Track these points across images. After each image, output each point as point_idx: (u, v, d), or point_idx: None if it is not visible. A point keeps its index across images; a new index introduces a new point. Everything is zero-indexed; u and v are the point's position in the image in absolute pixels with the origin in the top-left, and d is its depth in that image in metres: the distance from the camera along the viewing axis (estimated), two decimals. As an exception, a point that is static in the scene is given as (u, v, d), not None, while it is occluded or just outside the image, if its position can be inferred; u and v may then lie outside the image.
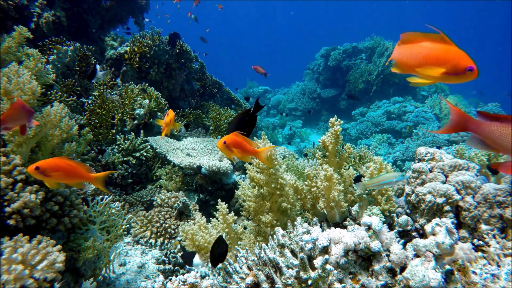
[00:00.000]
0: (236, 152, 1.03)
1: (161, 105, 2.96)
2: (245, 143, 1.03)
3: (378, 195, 1.21)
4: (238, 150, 1.02)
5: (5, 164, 1.05)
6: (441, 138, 4.65)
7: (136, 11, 4.18)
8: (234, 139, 1.03)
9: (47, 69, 1.90)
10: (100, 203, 1.49)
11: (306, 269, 0.90)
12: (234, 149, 1.02)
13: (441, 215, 1.06)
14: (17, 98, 1.11)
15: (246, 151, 1.03)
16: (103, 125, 2.58)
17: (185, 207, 2.11)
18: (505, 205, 0.99)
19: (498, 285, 0.87)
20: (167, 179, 2.47)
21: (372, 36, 7.63)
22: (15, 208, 1.00)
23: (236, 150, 1.02)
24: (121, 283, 1.63)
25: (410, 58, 0.80)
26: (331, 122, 1.22)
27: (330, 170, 1.13)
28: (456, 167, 1.15)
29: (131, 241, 2.05)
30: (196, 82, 4.20)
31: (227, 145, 1.02)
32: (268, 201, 1.28)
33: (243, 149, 1.03)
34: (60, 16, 3.16)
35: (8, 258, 0.87)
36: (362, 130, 6.28)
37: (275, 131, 7.08)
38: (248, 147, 1.03)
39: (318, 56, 8.26)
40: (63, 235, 1.22)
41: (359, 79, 7.22)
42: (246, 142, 1.03)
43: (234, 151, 1.03)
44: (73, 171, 0.99)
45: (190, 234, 1.38)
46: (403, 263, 0.98)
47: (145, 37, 3.33)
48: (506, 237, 0.98)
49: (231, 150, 1.02)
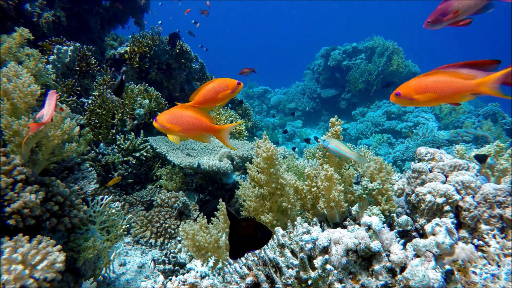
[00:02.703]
0: (178, 130, 0.85)
1: (161, 105, 2.96)
2: (194, 118, 0.85)
3: (378, 195, 1.21)
4: (182, 126, 0.85)
5: (5, 164, 1.05)
6: (441, 138, 4.66)
7: (136, 11, 4.18)
8: (170, 112, 0.85)
9: (47, 69, 1.90)
10: (100, 203, 1.49)
11: (306, 269, 0.90)
12: (173, 126, 0.85)
13: (441, 215, 1.06)
14: (17, 98, 1.12)
15: (195, 127, 0.85)
16: (103, 125, 2.58)
17: (185, 207, 2.11)
18: (505, 205, 0.99)
19: (498, 285, 0.87)
20: (167, 179, 2.47)
21: (372, 36, 7.64)
22: (15, 208, 1.00)
23: (177, 127, 0.84)
24: (121, 283, 1.63)
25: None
26: (331, 122, 1.22)
27: (331, 170, 1.13)
28: (456, 167, 1.15)
29: (131, 241, 2.05)
30: (196, 82, 4.20)
31: (160, 122, 0.85)
32: (268, 201, 1.28)
33: (191, 125, 0.85)
34: (60, 16, 3.16)
35: (8, 258, 0.87)
36: (362, 130, 6.28)
37: (275, 131, 7.08)
38: (201, 122, 0.86)
39: (318, 56, 8.27)
40: (63, 235, 1.22)
41: (359, 79, 7.23)
42: (199, 116, 0.86)
43: (173, 128, 0.84)
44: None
45: (190, 234, 1.38)
46: (403, 263, 0.98)
47: (145, 37, 3.33)
48: (506, 237, 0.98)
49: (166, 127, 0.85)
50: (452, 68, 0.90)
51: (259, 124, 6.04)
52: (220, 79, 1.02)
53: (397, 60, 7.04)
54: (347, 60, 7.67)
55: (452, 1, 1.06)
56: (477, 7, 1.03)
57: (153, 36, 3.33)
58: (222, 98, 1.00)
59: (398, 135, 5.80)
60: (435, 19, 1.10)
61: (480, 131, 4.92)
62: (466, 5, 1.04)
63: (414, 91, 0.90)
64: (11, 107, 1.12)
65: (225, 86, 1.00)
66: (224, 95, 0.99)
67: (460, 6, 1.04)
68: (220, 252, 1.37)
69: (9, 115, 1.11)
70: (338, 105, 7.69)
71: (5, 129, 1.08)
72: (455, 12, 1.05)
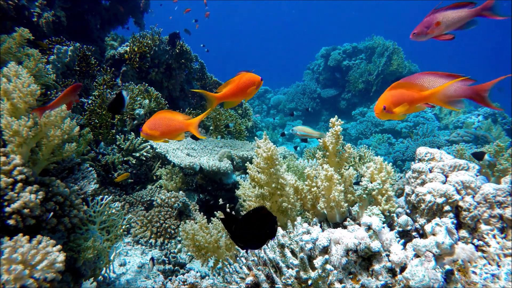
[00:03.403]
0: (158, 134, 0.94)
1: (161, 105, 2.96)
2: (169, 119, 0.94)
3: (378, 195, 1.21)
4: (160, 130, 0.93)
5: (5, 164, 1.05)
6: (441, 138, 4.66)
7: (136, 11, 4.18)
8: (151, 119, 0.93)
9: (47, 69, 1.90)
10: (100, 203, 1.49)
11: (306, 269, 0.90)
12: (153, 131, 0.94)
13: (441, 215, 1.06)
14: (17, 98, 1.12)
15: (171, 128, 0.93)
16: (103, 125, 2.58)
17: (185, 207, 2.11)
18: (505, 205, 0.99)
19: (498, 285, 0.87)
20: (167, 179, 2.47)
21: (372, 36, 7.64)
22: (15, 208, 1.00)
23: (157, 131, 0.94)
24: (121, 283, 1.63)
25: None
26: (331, 122, 1.22)
27: (331, 170, 1.13)
28: (456, 167, 1.15)
29: (131, 241, 2.05)
30: (196, 82, 4.19)
31: (144, 131, 0.95)
32: (268, 201, 1.28)
33: (167, 126, 0.93)
34: (60, 16, 3.16)
35: (8, 258, 0.87)
36: (362, 130, 6.28)
37: (275, 131, 7.08)
38: (175, 122, 0.94)
39: (318, 56, 8.26)
40: (63, 235, 1.22)
41: (359, 79, 7.23)
42: (173, 116, 0.94)
43: (154, 134, 0.94)
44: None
45: (191, 234, 1.38)
46: (403, 263, 0.98)
47: (145, 37, 3.33)
48: (506, 237, 0.98)
49: (149, 134, 0.95)
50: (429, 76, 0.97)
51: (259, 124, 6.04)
52: (247, 74, 1.09)
53: (397, 60, 7.04)
54: (347, 60, 7.67)
55: (437, 14, 1.10)
56: (460, 22, 1.08)
57: (153, 36, 3.33)
58: (250, 93, 1.08)
59: (398, 135, 5.80)
60: (420, 31, 1.15)
61: (480, 131, 4.92)
62: (450, 19, 1.09)
63: (392, 104, 0.95)
64: (11, 107, 1.12)
65: (252, 82, 1.06)
66: (251, 90, 1.06)
67: (442, 19, 1.09)
68: (220, 252, 1.37)
69: (9, 115, 1.11)
70: (338, 105, 7.69)
71: (5, 129, 1.08)
72: (436, 24, 1.10)
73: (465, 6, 1.07)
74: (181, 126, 0.96)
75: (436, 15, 1.10)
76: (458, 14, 1.08)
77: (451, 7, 1.09)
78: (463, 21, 1.08)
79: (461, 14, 1.08)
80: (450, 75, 0.95)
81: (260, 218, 0.72)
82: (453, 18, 1.09)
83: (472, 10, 1.07)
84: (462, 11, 1.07)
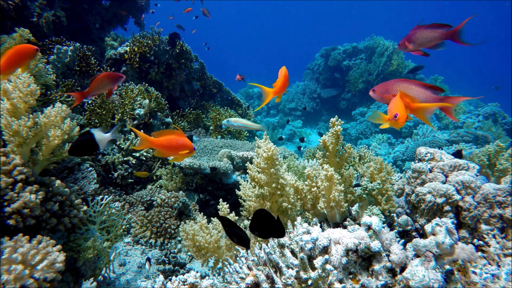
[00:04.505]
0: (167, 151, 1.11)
1: (161, 105, 2.96)
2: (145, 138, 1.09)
3: (378, 195, 1.21)
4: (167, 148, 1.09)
5: (5, 164, 1.05)
6: (441, 138, 4.66)
7: (136, 11, 4.18)
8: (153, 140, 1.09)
9: (47, 69, 1.90)
10: (100, 203, 1.49)
11: (306, 269, 0.90)
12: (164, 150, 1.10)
13: (441, 215, 1.06)
14: (17, 98, 1.12)
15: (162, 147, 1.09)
16: (103, 125, 2.58)
17: (185, 207, 2.11)
18: (505, 205, 0.99)
19: (498, 285, 0.87)
20: (167, 179, 2.47)
21: (372, 36, 7.63)
22: (15, 208, 1.00)
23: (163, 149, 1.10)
24: (121, 283, 1.63)
25: None
26: (331, 122, 1.22)
27: (331, 170, 1.13)
28: (456, 167, 1.15)
29: (131, 241, 2.05)
30: (196, 82, 4.19)
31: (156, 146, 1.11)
32: (268, 201, 1.28)
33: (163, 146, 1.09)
34: (60, 16, 3.16)
35: (8, 258, 0.87)
36: (362, 130, 6.28)
37: (275, 131, 7.08)
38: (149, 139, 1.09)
39: (318, 56, 8.26)
40: (63, 235, 1.22)
41: (359, 79, 7.22)
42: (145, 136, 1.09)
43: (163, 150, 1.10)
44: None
45: (191, 234, 1.38)
46: (403, 263, 0.98)
47: (145, 37, 3.33)
48: (506, 237, 0.98)
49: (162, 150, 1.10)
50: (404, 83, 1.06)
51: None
52: (284, 69, 1.25)
53: (397, 60, 7.03)
54: (347, 60, 7.67)
55: (415, 31, 1.21)
56: (432, 42, 1.19)
57: (153, 36, 3.33)
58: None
59: (398, 135, 5.80)
60: (401, 44, 1.26)
61: (480, 131, 4.92)
62: (423, 38, 1.20)
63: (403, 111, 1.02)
64: (11, 107, 1.12)
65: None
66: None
67: (417, 38, 1.21)
68: (220, 252, 1.37)
69: (9, 115, 1.11)
70: (338, 105, 7.69)
71: (5, 129, 1.08)
72: (409, 41, 1.22)
73: (441, 27, 1.17)
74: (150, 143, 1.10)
75: (415, 31, 1.21)
76: (433, 34, 1.18)
77: (431, 26, 1.19)
78: (435, 41, 1.18)
79: (435, 35, 1.18)
80: (423, 85, 1.03)
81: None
82: (427, 36, 1.19)
83: (444, 32, 1.16)
84: (437, 31, 1.17)
